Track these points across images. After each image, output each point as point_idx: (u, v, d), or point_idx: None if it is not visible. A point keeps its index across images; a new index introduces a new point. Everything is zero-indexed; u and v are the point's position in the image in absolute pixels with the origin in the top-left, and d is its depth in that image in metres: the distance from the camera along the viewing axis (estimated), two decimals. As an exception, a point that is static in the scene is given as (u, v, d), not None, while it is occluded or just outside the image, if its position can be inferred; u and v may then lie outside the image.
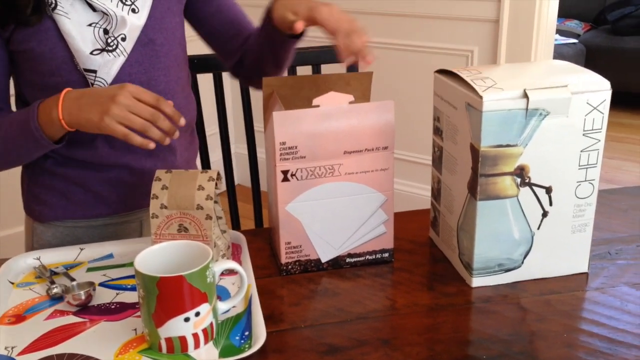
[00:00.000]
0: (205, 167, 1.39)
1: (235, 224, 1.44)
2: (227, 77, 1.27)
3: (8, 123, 0.93)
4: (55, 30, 0.92)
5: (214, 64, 1.29)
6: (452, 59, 2.25)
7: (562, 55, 3.50)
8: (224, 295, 0.82)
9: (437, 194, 0.94)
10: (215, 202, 0.87)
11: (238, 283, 0.83)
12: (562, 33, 3.90)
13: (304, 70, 1.27)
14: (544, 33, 2.08)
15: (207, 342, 0.73)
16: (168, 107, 0.86)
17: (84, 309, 0.81)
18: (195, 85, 1.32)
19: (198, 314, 0.71)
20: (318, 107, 0.82)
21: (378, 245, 0.90)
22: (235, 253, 0.93)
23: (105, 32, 0.93)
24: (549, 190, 0.81)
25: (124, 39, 0.95)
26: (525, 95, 0.76)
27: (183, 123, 0.88)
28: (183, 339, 0.71)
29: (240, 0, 1.15)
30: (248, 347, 0.72)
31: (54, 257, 0.93)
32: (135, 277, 0.71)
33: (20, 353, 0.72)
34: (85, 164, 1.02)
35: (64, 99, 0.87)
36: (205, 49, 1.19)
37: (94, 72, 0.94)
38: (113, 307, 0.81)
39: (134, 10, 0.95)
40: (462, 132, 0.82)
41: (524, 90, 0.76)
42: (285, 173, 0.83)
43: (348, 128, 0.83)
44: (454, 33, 2.23)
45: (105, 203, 1.05)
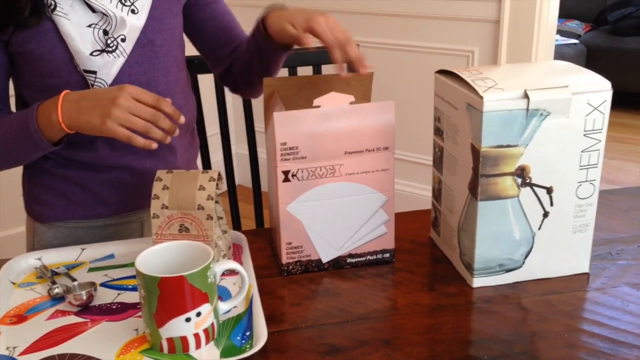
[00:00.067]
0: (206, 167, 1.39)
1: (236, 224, 1.44)
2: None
3: (8, 124, 0.93)
4: (55, 32, 0.92)
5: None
6: (452, 60, 2.25)
7: (562, 56, 3.50)
8: (225, 296, 0.82)
9: (438, 195, 0.94)
10: (216, 202, 0.87)
11: (239, 283, 0.83)
12: (562, 33, 3.90)
13: (305, 71, 1.27)
14: (545, 33, 2.08)
15: (208, 342, 0.73)
16: (168, 106, 0.86)
17: (86, 309, 0.81)
18: (196, 86, 1.32)
19: (199, 314, 0.71)
20: (319, 107, 0.82)
21: (379, 246, 0.90)
22: (236, 253, 0.93)
23: (105, 33, 0.94)
24: (550, 191, 0.81)
25: (124, 40, 0.95)
26: (526, 96, 0.76)
27: (183, 121, 0.88)
28: (184, 339, 0.71)
29: (240, 0, 1.15)
30: (249, 347, 0.72)
31: (55, 257, 0.93)
32: (137, 277, 0.71)
33: (22, 353, 0.72)
34: (86, 165, 1.02)
35: (63, 102, 0.86)
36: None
37: (94, 73, 0.94)
38: (114, 307, 0.81)
39: (134, 11, 0.95)
40: (462, 132, 0.82)
41: (525, 91, 0.76)
42: (286, 173, 0.83)
43: (349, 128, 0.83)
44: (455, 33, 2.23)
45: (106, 204, 1.05)
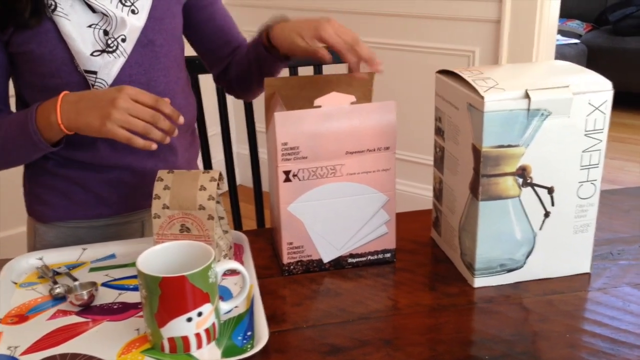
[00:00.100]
0: (207, 167, 1.39)
1: (237, 224, 1.44)
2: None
3: (7, 124, 0.93)
4: (55, 32, 0.92)
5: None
6: (453, 60, 2.25)
7: (563, 56, 3.50)
8: (226, 296, 0.82)
9: (439, 195, 0.94)
10: (217, 202, 0.87)
11: (240, 283, 0.83)
12: (563, 33, 3.90)
13: (306, 71, 1.27)
14: (546, 33, 2.08)
15: (209, 342, 0.73)
16: (167, 107, 0.86)
17: (87, 309, 0.81)
18: (197, 86, 1.32)
19: (200, 314, 0.71)
20: (320, 107, 0.82)
21: (380, 246, 0.90)
22: (237, 253, 0.93)
23: (105, 33, 0.94)
24: (551, 191, 0.81)
25: (124, 40, 0.95)
26: (527, 96, 0.76)
27: (182, 122, 0.88)
28: (185, 339, 0.71)
29: (240, 0, 1.16)
30: (250, 347, 0.72)
31: (57, 257, 0.93)
32: (138, 277, 0.71)
33: (23, 353, 0.72)
34: (87, 165, 1.02)
35: (62, 103, 0.86)
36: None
37: (94, 73, 0.94)
38: (115, 307, 0.81)
39: (134, 12, 0.95)
40: (463, 132, 0.82)
41: (526, 91, 0.76)
42: (287, 173, 0.84)
43: (350, 128, 0.83)
44: (456, 33, 2.23)
45: (107, 204, 1.05)
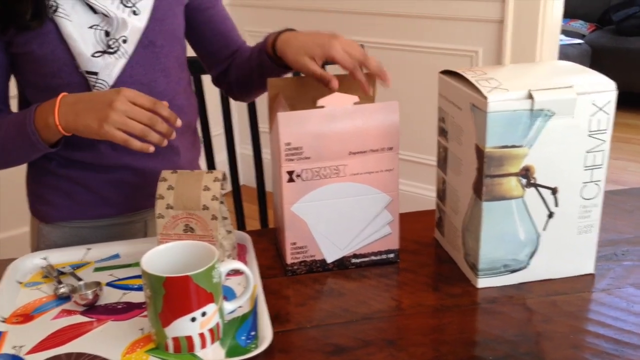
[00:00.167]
0: (211, 167, 1.39)
1: (240, 225, 1.44)
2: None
3: (6, 124, 0.94)
4: (57, 33, 0.92)
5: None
6: (456, 60, 2.25)
7: (567, 56, 3.49)
8: (230, 296, 0.83)
9: (442, 195, 0.94)
10: (221, 202, 0.87)
11: (244, 283, 0.83)
12: (567, 33, 3.89)
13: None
14: (549, 33, 2.08)
15: (213, 342, 0.73)
16: (164, 109, 0.86)
17: (91, 309, 0.81)
18: (200, 86, 1.33)
19: (204, 314, 0.71)
20: (323, 108, 0.83)
21: (383, 246, 0.90)
22: (241, 253, 0.93)
23: (107, 34, 0.94)
24: (555, 191, 0.81)
25: (125, 41, 0.95)
26: (531, 96, 0.76)
27: (180, 124, 0.88)
28: (190, 339, 0.71)
29: (241, 0, 1.16)
30: (254, 347, 0.72)
31: (61, 257, 0.94)
32: (142, 277, 0.71)
33: (29, 352, 0.73)
34: (89, 166, 1.02)
35: (60, 105, 0.87)
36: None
37: (95, 74, 0.94)
38: (120, 306, 0.82)
39: (135, 13, 0.95)
40: (467, 133, 0.82)
41: (529, 91, 0.76)
42: (291, 174, 0.84)
43: (353, 129, 0.83)
44: (459, 34, 2.23)
45: (110, 204, 1.06)
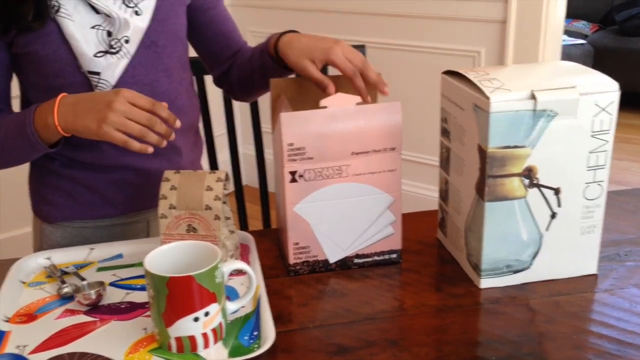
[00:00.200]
0: (213, 167, 1.39)
1: (243, 225, 1.44)
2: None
3: (6, 124, 0.94)
4: (59, 33, 0.92)
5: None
6: (459, 60, 2.24)
7: (569, 56, 3.49)
8: (233, 296, 0.83)
9: (444, 195, 0.94)
10: (224, 202, 0.87)
11: (246, 283, 0.83)
12: (569, 34, 3.88)
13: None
14: (552, 34, 2.08)
15: (216, 341, 0.73)
16: (163, 110, 0.86)
17: (95, 309, 0.81)
18: (203, 87, 1.33)
19: (207, 314, 0.71)
20: (325, 108, 0.83)
21: (386, 246, 0.90)
22: (244, 253, 0.94)
23: (109, 34, 0.94)
24: (558, 192, 0.81)
25: (128, 41, 0.95)
26: (533, 97, 0.76)
27: (179, 125, 0.88)
28: (192, 339, 0.71)
29: (241, 1, 1.16)
30: (257, 347, 0.72)
31: (64, 257, 0.94)
32: (145, 277, 0.71)
33: (32, 352, 0.73)
34: (91, 166, 1.02)
35: (60, 105, 0.87)
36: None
37: (98, 74, 0.94)
38: (123, 306, 0.82)
39: (137, 13, 0.95)
40: (469, 133, 0.82)
41: (532, 92, 0.76)
42: (293, 174, 0.84)
43: (355, 129, 0.83)
44: (461, 34, 2.23)
45: (112, 204, 1.06)
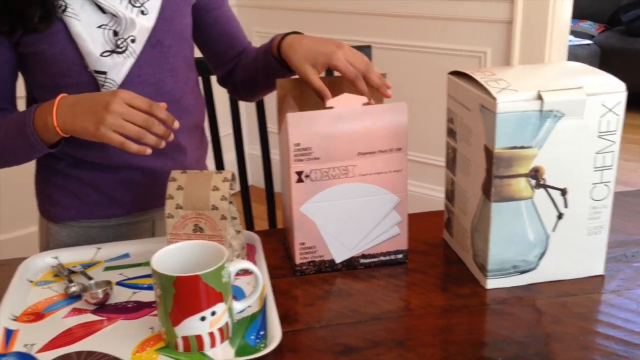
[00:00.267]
0: (219, 167, 1.40)
1: (249, 225, 1.44)
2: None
3: (7, 124, 0.94)
4: (65, 33, 0.93)
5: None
6: (465, 61, 2.24)
7: (576, 57, 3.48)
8: (239, 295, 0.83)
9: (451, 196, 0.94)
10: (230, 202, 0.88)
11: (253, 283, 0.83)
12: (576, 34, 3.87)
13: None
14: (558, 34, 2.07)
15: (223, 341, 0.74)
16: (161, 111, 0.85)
17: (102, 308, 0.82)
18: (209, 87, 1.33)
19: (214, 313, 0.71)
20: (332, 108, 0.83)
21: (392, 247, 0.90)
22: (250, 253, 0.94)
23: (115, 33, 0.94)
24: (564, 192, 0.81)
25: (134, 41, 0.95)
26: (540, 97, 0.76)
27: (177, 126, 0.88)
28: (199, 338, 0.72)
29: (242, 1, 1.16)
30: (263, 346, 0.73)
31: (72, 256, 0.94)
32: (152, 276, 0.72)
33: (40, 350, 0.73)
34: (97, 166, 1.03)
35: (59, 106, 0.87)
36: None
37: (104, 73, 0.95)
38: (130, 305, 0.82)
39: (143, 12, 0.96)
40: (476, 133, 0.82)
41: (539, 92, 0.76)
42: (300, 174, 0.84)
43: (362, 129, 0.83)
44: (467, 34, 2.23)
45: (119, 204, 1.06)
